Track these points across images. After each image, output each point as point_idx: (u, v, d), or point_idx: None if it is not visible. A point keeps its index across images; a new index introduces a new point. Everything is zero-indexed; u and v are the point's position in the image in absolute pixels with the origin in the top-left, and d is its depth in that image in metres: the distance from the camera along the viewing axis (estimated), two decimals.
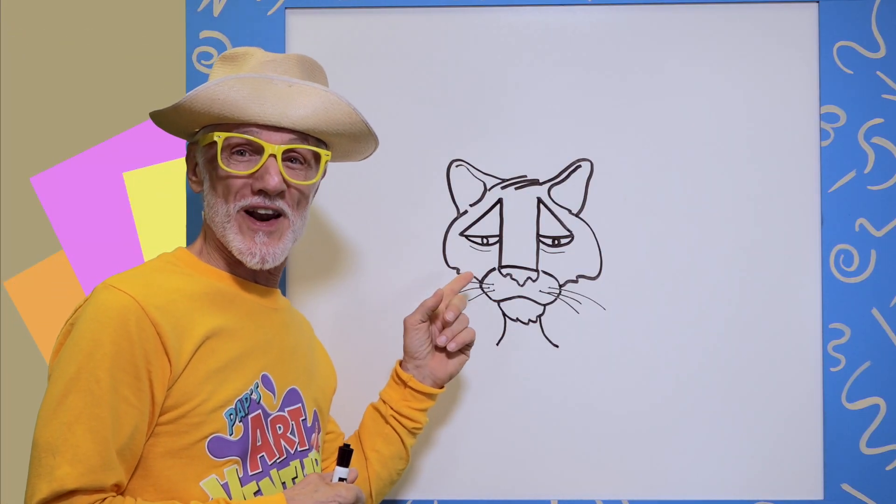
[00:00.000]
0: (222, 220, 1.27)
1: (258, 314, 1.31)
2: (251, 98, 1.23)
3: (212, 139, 1.26)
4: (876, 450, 1.60)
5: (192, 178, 1.35)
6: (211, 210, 1.29)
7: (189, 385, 1.18)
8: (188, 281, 1.26)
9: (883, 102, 1.62)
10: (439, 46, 1.64)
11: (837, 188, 1.62)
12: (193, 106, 1.24)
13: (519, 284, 1.63)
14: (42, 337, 1.70)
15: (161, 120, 1.32)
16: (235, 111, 1.23)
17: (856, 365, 1.60)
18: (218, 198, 1.27)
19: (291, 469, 1.29)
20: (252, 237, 1.26)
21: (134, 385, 1.14)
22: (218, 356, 1.22)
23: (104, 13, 1.71)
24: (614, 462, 1.62)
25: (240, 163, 1.26)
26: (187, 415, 1.18)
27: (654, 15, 1.64)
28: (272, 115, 1.24)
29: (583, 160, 1.64)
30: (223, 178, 1.26)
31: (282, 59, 1.30)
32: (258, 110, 1.23)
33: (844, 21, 1.62)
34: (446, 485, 1.62)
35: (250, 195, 1.25)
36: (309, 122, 1.26)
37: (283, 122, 1.24)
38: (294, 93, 1.25)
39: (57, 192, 1.70)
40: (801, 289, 1.62)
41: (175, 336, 1.18)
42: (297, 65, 1.31)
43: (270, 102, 1.24)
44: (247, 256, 1.26)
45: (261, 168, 1.24)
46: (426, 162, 1.64)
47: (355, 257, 1.63)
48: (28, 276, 1.70)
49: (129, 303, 1.16)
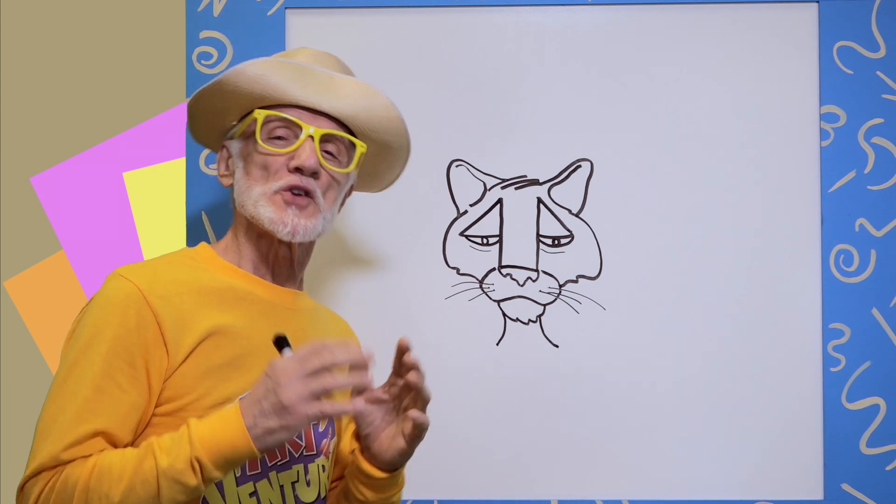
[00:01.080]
0: (255, 199, 1.27)
1: (273, 314, 1.30)
2: (294, 79, 1.26)
3: (251, 120, 1.28)
4: (876, 450, 1.60)
5: (224, 172, 1.35)
6: (244, 194, 1.28)
7: (188, 379, 1.18)
8: (201, 275, 1.26)
9: (883, 102, 1.62)
10: (439, 46, 1.64)
11: (837, 188, 1.62)
12: (238, 81, 1.26)
13: (519, 284, 1.63)
14: (42, 337, 1.70)
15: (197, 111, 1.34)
16: (278, 91, 1.26)
17: (856, 365, 1.60)
18: (253, 180, 1.28)
19: (293, 472, 1.27)
20: (284, 209, 1.26)
21: (128, 372, 1.15)
22: (222, 352, 1.21)
23: (104, 13, 1.71)
24: (614, 462, 1.62)
25: (277, 143, 1.27)
26: (184, 408, 1.17)
27: (654, 15, 1.64)
28: (314, 98, 1.27)
29: (583, 160, 1.64)
30: (261, 154, 1.27)
31: (325, 55, 1.35)
32: (300, 93, 1.26)
33: (844, 21, 1.62)
34: (446, 485, 1.62)
35: (286, 175, 1.26)
36: (349, 109, 1.29)
37: (324, 105, 1.27)
38: (336, 83, 1.29)
39: (57, 192, 1.70)
40: (801, 289, 1.62)
41: (176, 328, 1.18)
42: (338, 63, 1.36)
43: (313, 87, 1.27)
44: (278, 226, 1.26)
45: (298, 147, 1.26)
46: (426, 162, 1.64)
47: (355, 257, 1.63)
48: (28, 276, 1.70)
49: (133, 291, 1.17)
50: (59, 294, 1.69)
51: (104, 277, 1.23)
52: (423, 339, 1.62)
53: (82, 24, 1.70)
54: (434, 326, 1.62)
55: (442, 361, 1.62)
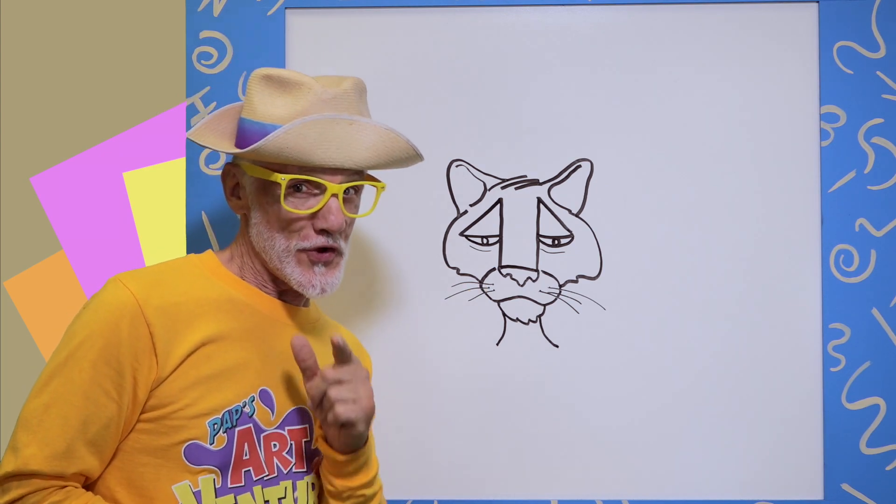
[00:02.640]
0: (280, 255, 1.27)
1: (272, 329, 1.29)
2: (317, 143, 1.23)
3: (269, 176, 1.25)
4: (876, 450, 1.60)
5: (234, 199, 1.33)
6: (264, 240, 1.27)
7: (175, 388, 1.18)
8: (203, 285, 1.26)
9: (883, 102, 1.62)
10: (439, 46, 1.64)
11: (837, 188, 1.62)
12: (259, 153, 1.23)
13: (519, 284, 1.63)
14: (42, 337, 1.70)
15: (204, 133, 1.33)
16: (302, 157, 1.22)
17: (856, 365, 1.60)
18: (275, 232, 1.27)
19: (280, 489, 1.26)
20: (311, 269, 1.27)
21: (115, 380, 1.16)
22: (213, 363, 1.21)
23: (104, 13, 1.71)
24: (614, 462, 1.62)
25: (298, 199, 1.25)
26: (168, 417, 1.18)
27: (653, 15, 1.64)
28: (337, 159, 1.24)
29: (583, 160, 1.64)
30: (285, 216, 1.26)
31: (342, 93, 1.27)
32: (323, 155, 1.23)
33: (844, 21, 1.62)
34: (446, 485, 1.62)
35: (313, 236, 1.26)
36: (371, 162, 1.27)
37: (347, 164, 1.25)
38: (355, 131, 1.25)
39: (57, 192, 1.69)
40: (801, 289, 1.62)
41: (168, 338, 1.18)
42: (354, 94, 1.29)
43: (335, 146, 1.24)
44: (308, 289, 1.27)
45: (323, 208, 1.25)
46: (426, 162, 1.63)
47: (355, 257, 1.63)
48: (28, 276, 1.70)
49: (129, 300, 1.18)
50: (59, 294, 1.69)
51: (104, 277, 1.24)
52: (423, 339, 1.62)
53: (82, 24, 1.70)
54: (434, 326, 1.62)
55: (442, 361, 1.62)
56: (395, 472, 1.59)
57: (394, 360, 1.61)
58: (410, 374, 1.62)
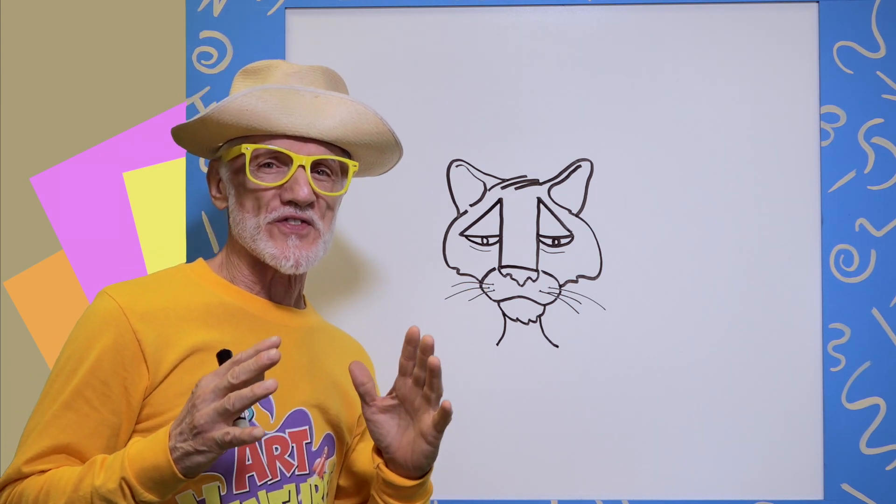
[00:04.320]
0: (252, 233, 1.25)
1: (265, 331, 1.28)
2: (279, 109, 1.22)
3: (238, 152, 1.25)
4: (876, 450, 1.60)
5: (216, 195, 1.33)
6: (239, 225, 1.27)
7: (170, 395, 1.17)
8: (193, 292, 1.25)
9: (883, 102, 1.62)
10: (439, 46, 1.64)
11: (837, 188, 1.62)
12: (221, 118, 1.23)
13: (519, 284, 1.63)
14: (42, 337, 1.70)
15: (182, 136, 1.31)
16: (264, 122, 1.22)
17: (856, 365, 1.60)
18: (246, 212, 1.26)
19: (284, 492, 1.25)
20: (284, 241, 1.25)
21: (101, 390, 1.16)
22: (206, 369, 1.19)
23: (104, 13, 1.71)
24: (614, 462, 1.62)
25: (268, 174, 1.25)
26: (165, 423, 1.15)
27: (654, 15, 1.64)
28: (300, 126, 1.23)
29: (583, 160, 1.64)
30: (252, 190, 1.25)
31: (307, 70, 1.30)
32: (286, 121, 1.23)
33: (844, 21, 1.62)
34: (446, 485, 1.62)
35: (280, 206, 1.24)
36: (337, 132, 1.26)
37: (312, 132, 1.24)
38: (321, 103, 1.25)
39: (57, 192, 1.70)
40: (801, 289, 1.62)
41: (157, 345, 1.18)
42: (322, 76, 1.31)
43: (298, 113, 1.23)
44: (281, 261, 1.24)
45: (290, 179, 1.24)
46: (426, 162, 1.64)
47: (355, 257, 1.63)
48: (28, 276, 1.70)
49: (114, 309, 1.18)
50: (59, 294, 1.69)
51: (104, 277, 1.24)
52: None
53: (82, 25, 1.70)
54: (434, 326, 1.62)
55: (442, 361, 1.62)
56: None
57: (394, 361, 1.60)
58: None
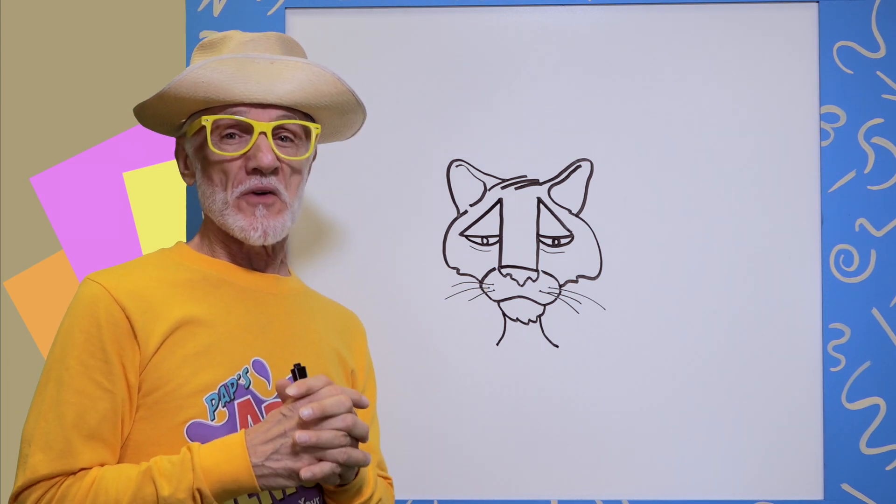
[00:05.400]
0: (220, 208, 1.26)
1: (252, 299, 1.29)
2: (235, 77, 1.23)
3: (200, 125, 1.26)
4: (876, 450, 1.60)
5: (184, 171, 1.34)
6: (208, 199, 1.28)
7: (163, 369, 1.18)
8: (174, 270, 1.26)
9: (883, 102, 1.62)
10: (439, 46, 1.64)
11: (837, 188, 1.62)
12: (178, 92, 1.24)
13: (519, 284, 1.63)
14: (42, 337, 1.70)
15: (146, 115, 1.32)
16: (220, 92, 1.23)
17: (856, 365, 1.60)
18: (214, 186, 1.27)
19: None
20: (252, 212, 1.26)
21: (105, 369, 1.16)
22: (197, 340, 1.21)
23: (104, 13, 1.71)
24: (614, 462, 1.62)
25: (230, 145, 1.25)
26: (164, 399, 1.17)
27: (653, 15, 1.64)
28: (257, 93, 1.24)
29: (583, 160, 1.64)
30: (216, 162, 1.26)
31: (261, 37, 1.30)
32: (243, 89, 1.23)
33: (844, 21, 1.62)
34: (446, 485, 1.62)
35: (246, 178, 1.25)
36: (295, 96, 1.26)
37: (270, 98, 1.25)
38: (277, 68, 1.25)
39: (57, 192, 1.70)
40: (801, 289, 1.62)
41: (145, 320, 1.18)
42: (277, 42, 1.31)
43: (254, 80, 1.24)
44: (249, 232, 1.25)
45: (252, 147, 1.24)
46: (426, 162, 1.64)
47: (355, 257, 1.63)
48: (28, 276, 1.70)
49: (99, 291, 1.19)
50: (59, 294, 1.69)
51: None
52: (423, 339, 1.62)
53: (82, 25, 1.71)
54: (434, 326, 1.62)
55: (442, 361, 1.62)
56: (395, 471, 1.59)
57: (394, 361, 1.61)
58: (410, 374, 1.62)
